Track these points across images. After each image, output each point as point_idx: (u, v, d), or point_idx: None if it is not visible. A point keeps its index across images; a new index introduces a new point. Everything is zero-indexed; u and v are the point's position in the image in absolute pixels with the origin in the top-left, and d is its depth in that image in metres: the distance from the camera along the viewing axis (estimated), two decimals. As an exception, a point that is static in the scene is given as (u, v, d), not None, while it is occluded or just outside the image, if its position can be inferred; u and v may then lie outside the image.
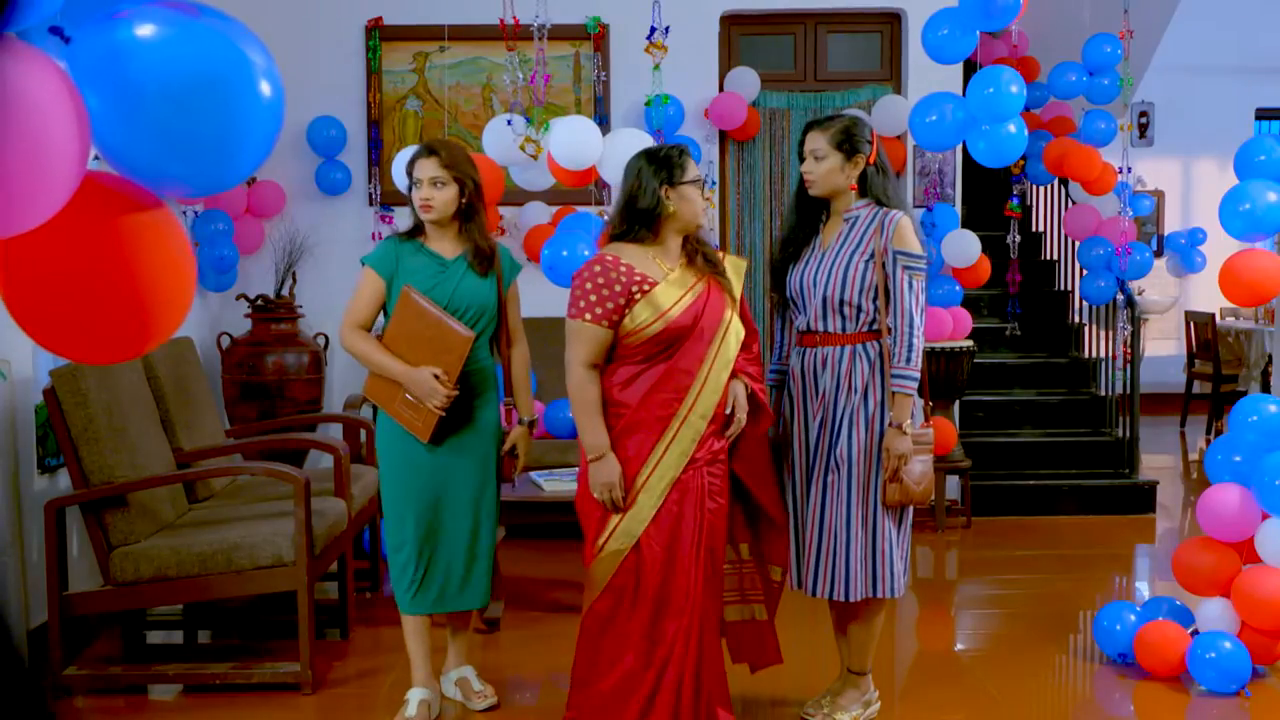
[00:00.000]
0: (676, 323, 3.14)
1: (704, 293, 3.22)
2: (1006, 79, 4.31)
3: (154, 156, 1.62)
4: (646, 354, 3.17)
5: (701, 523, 3.20)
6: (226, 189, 1.81)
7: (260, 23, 6.92)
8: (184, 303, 1.77)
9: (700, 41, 6.34)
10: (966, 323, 6.19)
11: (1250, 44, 9.56)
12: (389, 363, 3.48)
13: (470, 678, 3.79)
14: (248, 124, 1.65)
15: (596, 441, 3.15)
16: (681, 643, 3.17)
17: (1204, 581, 4.00)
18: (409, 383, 3.45)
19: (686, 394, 3.16)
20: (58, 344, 1.75)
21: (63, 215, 1.61)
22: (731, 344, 3.24)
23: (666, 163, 3.20)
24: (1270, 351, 8.38)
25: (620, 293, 3.13)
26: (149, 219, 1.68)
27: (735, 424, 3.26)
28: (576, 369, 3.17)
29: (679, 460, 3.16)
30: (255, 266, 6.24)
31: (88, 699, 3.91)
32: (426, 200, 3.54)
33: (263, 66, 1.65)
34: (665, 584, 3.16)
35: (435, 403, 3.43)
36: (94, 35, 1.59)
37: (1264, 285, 4.03)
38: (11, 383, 4.07)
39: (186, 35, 1.58)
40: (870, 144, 3.46)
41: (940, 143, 4.58)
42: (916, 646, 4.65)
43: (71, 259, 1.64)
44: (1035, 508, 6.46)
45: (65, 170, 1.53)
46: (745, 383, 3.28)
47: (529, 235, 6.17)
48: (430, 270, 3.56)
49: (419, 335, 3.47)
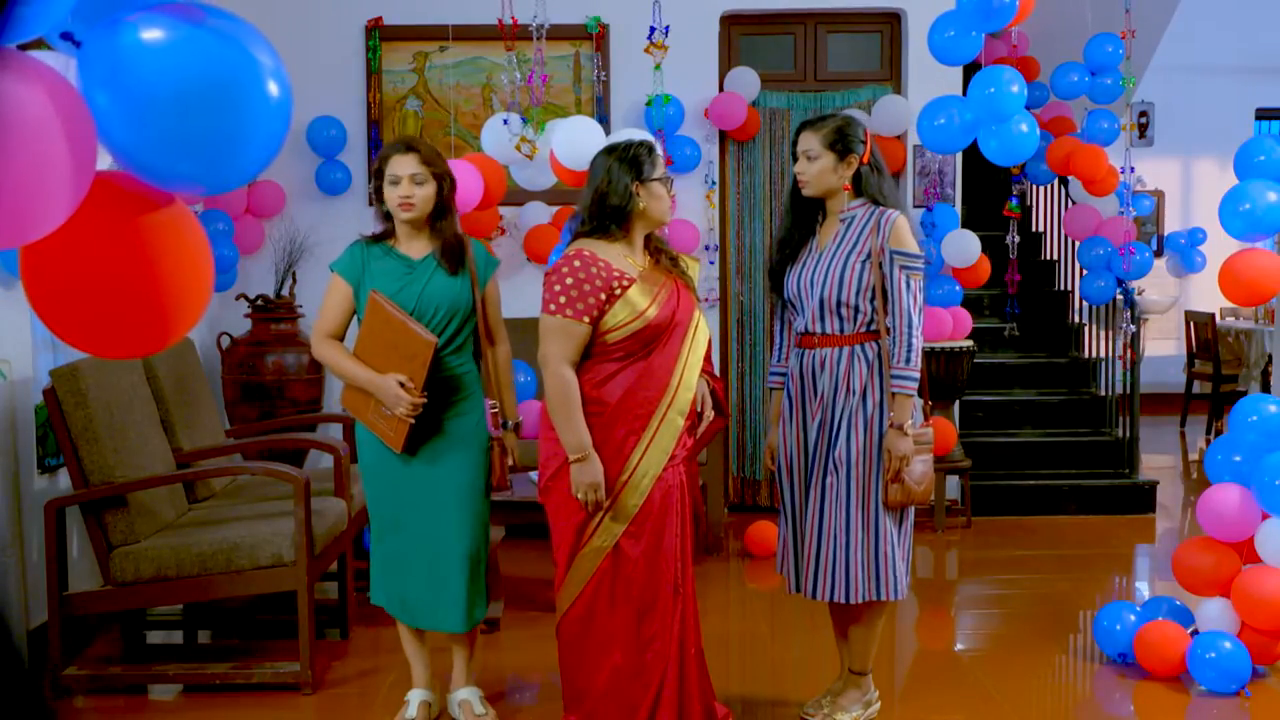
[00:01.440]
0: (656, 320, 3.14)
1: (674, 290, 3.22)
2: (1007, 79, 4.31)
3: (164, 157, 1.64)
4: (626, 351, 3.14)
5: (684, 517, 3.21)
6: (235, 187, 1.85)
7: (260, 23, 6.91)
8: (203, 296, 1.80)
9: (700, 41, 6.34)
10: (966, 323, 6.19)
11: (1250, 44, 9.56)
12: (356, 371, 3.39)
13: (473, 701, 3.64)
14: (256, 124, 1.68)
15: (579, 441, 3.09)
16: (676, 639, 3.18)
17: (1204, 581, 4.00)
18: (375, 390, 3.35)
19: (665, 391, 3.15)
20: (79, 339, 1.77)
21: (79, 214, 1.63)
22: (701, 341, 3.24)
23: (635, 160, 3.17)
24: (1270, 351, 8.38)
25: (600, 288, 3.10)
26: (164, 216, 1.71)
27: (704, 421, 3.26)
28: (556, 366, 3.10)
29: (661, 458, 3.15)
30: (255, 266, 6.24)
31: (88, 699, 3.91)
32: (407, 198, 3.41)
33: (270, 67, 1.67)
34: (649, 581, 3.15)
35: (401, 410, 3.31)
36: (103, 39, 1.61)
37: (1264, 285, 4.03)
38: (11, 383, 4.07)
39: (195, 37, 1.62)
40: (864, 143, 3.45)
41: (948, 145, 4.57)
42: (916, 646, 4.65)
43: (89, 256, 1.67)
44: (1035, 508, 6.46)
45: (68, 184, 1.54)
46: (707, 380, 3.29)
47: (529, 235, 6.17)
48: (397, 272, 3.45)
49: (386, 342, 3.36)
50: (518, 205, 6.22)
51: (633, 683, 3.17)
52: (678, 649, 3.18)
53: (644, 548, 3.14)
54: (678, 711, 3.18)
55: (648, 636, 3.16)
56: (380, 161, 3.49)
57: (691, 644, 3.23)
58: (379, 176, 3.48)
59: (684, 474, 3.24)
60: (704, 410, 3.27)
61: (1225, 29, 9.45)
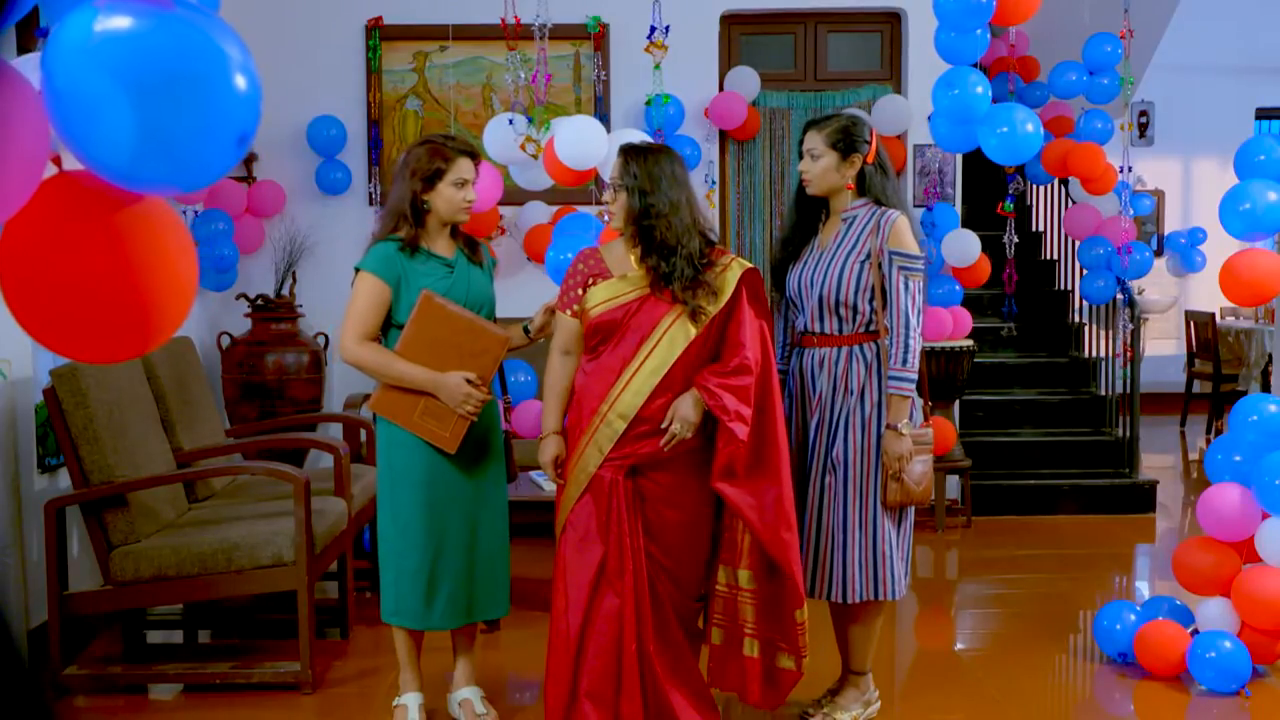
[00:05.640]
0: (598, 318, 3.21)
1: (642, 300, 3.21)
2: (973, 80, 4.28)
3: (125, 152, 1.56)
4: (589, 345, 3.28)
5: (626, 525, 3.17)
6: (202, 186, 1.77)
7: (260, 23, 6.92)
8: (183, 296, 1.73)
9: (700, 41, 6.34)
10: (966, 322, 6.19)
11: (1250, 44, 9.56)
12: (413, 371, 3.31)
13: (474, 700, 3.63)
14: (223, 119, 1.60)
15: (546, 423, 3.32)
16: (612, 636, 3.17)
17: (1204, 581, 4.00)
18: (438, 389, 3.31)
19: (609, 390, 3.19)
20: (59, 344, 1.73)
21: (41, 214, 1.60)
22: (663, 352, 3.17)
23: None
24: (1270, 351, 8.38)
25: (579, 284, 3.27)
26: (134, 215, 1.65)
27: (668, 436, 3.17)
28: (550, 353, 3.35)
29: (596, 456, 3.20)
30: (255, 266, 6.24)
31: (88, 699, 3.91)
32: (472, 202, 3.45)
33: (239, 60, 1.60)
34: (571, 570, 3.20)
35: (469, 408, 3.33)
36: (63, 28, 1.54)
37: (1264, 285, 4.03)
38: (11, 383, 4.07)
39: (158, 28, 1.53)
40: (868, 143, 3.45)
41: (960, 144, 4.55)
42: (916, 646, 4.65)
43: (57, 259, 1.61)
44: (1035, 507, 6.46)
45: (11, 177, 1.51)
46: (700, 398, 3.17)
47: (529, 235, 6.17)
48: (439, 273, 3.41)
49: (445, 342, 3.32)
50: (517, 205, 6.22)
51: (564, 659, 3.21)
52: (613, 644, 3.18)
53: (575, 539, 3.22)
54: (613, 711, 3.18)
55: (576, 627, 3.18)
56: (437, 161, 3.38)
57: (631, 642, 3.18)
58: (435, 176, 3.39)
59: (643, 480, 3.21)
60: (670, 424, 3.16)
61: (1225, 29, 9.45)
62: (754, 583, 3.29)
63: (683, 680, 3.27)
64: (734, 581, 3.32)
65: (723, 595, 3.35)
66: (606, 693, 3.18)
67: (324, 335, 6.15)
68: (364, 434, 5.14)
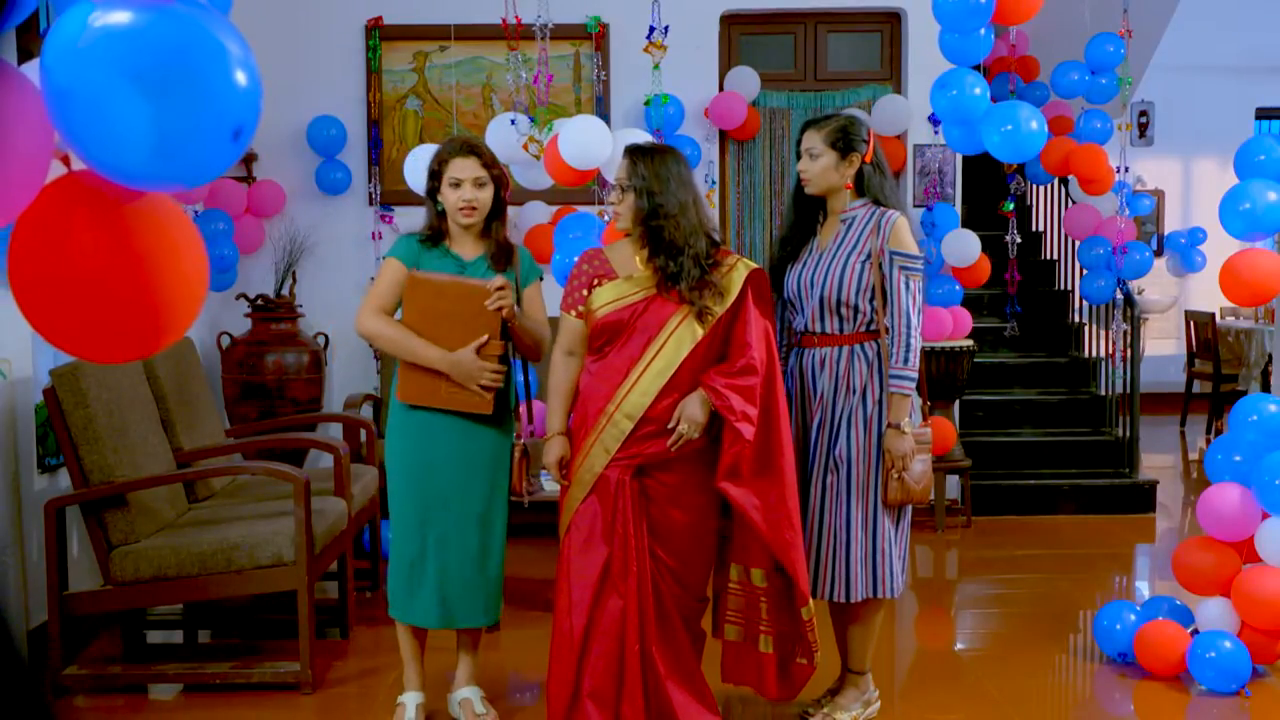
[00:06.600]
0: (603, 319, 3.21)
1: (649, 298, 3.21)
2: (970, 81, 4.29)
3: (126, 149, 1.54)
4: (595, 345, 3.27)
5: (631, 526, 3.18)
6: (201, 183, 1.75)
7: (260, 22, 6.91)
8: (194, 295, 1.72)
9: (700, 41, 6.34)
10: (966, 322, 6.19)
11: (1250, 44, 9.56)
12: (427, 350, 3.32)
13: (474, 699, 3.63)
14: (222, 115, 1.58)
15: (550, 423, 3.33)
16: (615, 636, 3.18)
17: (1204, 581, 4.00)
18: (451, 370, 3.32)
19: (615, 390, 3.20)
20: (68, 344, 1.73)
21: (51, 212, 1.59)
22: (670, 352, 3.18)
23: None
24: (1270, 351, 8.38)
25: (584, 284, 3.27)
26: (141, 214, 1.64)
27: (675, 436, 3.18)
28: (553, 353, 3.36)
29: (603, 456, 3.20)
30: (255, 266, 6.24)
31: (88, 699, 3.91)
32: (470, 202, 3.38)
33: (238, 55, 1.59)
34: (575, 571, 3.20)
35: (486, 380, 3.33)
36: (62, 23, 1.53)
37: (1264, 285, 4.03)
38: (11, 382, 4.07)
39: (156, 22, 1.52)
40: (866, 143, 3.45)
41: (967, 145, 4.55)
42: (916, 646, 4.65)
43: (64, 259, 1.61)
44: (1035, 507, 6.46)
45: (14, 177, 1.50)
46: (707, 398, 3.18)
47: (529, 235, 6.17)
48: (449, 270, 3.43)
49: (443, 312, 3.32)
50: (517, 205, 6.22)
51: (567, 659, 3.21)
52: (616, 645, 3.18)
53: (580, 540, 3.22)
54: (614, 711, 3.19)
55: (579, 628, 3.19)
56: (439, 163, 3.42)
57: (634, 642, 3.20)
58: (436, 177, 3.43)
59: (649, 480, 3.22)
60: (677, 424, 3.17)
61: (1225, 29, 9.44)
62: (766, 581, 3.36)
63: (684, 680, 3.28)
64: (747, 579, 3.39)
65: (736, 593, 3.41)
66: (609, 693, 3.19)
67: (324, 335, 6.15)
68: (364, 434, 5.14)
